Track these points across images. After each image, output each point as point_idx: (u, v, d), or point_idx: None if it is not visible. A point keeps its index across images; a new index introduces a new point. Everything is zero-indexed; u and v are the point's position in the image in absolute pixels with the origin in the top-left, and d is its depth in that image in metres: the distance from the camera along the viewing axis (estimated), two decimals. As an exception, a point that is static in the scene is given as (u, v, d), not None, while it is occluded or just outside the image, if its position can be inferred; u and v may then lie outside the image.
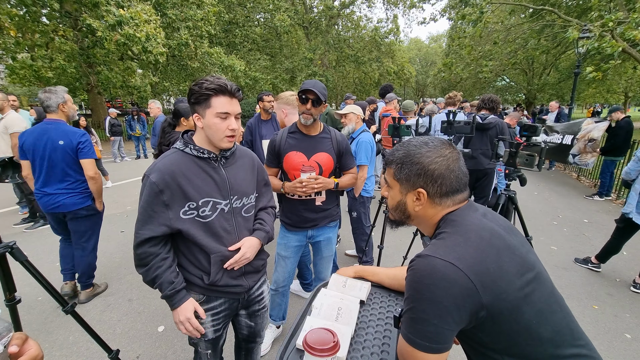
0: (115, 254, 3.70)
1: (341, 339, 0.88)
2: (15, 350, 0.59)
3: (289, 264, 2.11)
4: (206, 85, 1.17)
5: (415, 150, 0.90)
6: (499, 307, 0.74)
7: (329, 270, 2.22)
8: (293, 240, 2.06)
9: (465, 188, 0.91)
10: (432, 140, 0.91)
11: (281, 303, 2.26)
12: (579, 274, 3.31)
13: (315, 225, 2.03)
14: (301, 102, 1.80)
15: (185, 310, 1.26)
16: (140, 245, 1.20)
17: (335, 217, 2.11)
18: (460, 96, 4.62)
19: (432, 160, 0.87)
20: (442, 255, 0.76)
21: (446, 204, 0.89)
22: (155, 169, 1.20)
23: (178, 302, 1.25)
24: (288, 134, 1.94)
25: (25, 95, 22.99)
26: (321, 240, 2.11)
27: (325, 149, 1.93)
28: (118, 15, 8.51)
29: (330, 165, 1.95)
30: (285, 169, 1.95)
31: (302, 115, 1.81)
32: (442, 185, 0.87)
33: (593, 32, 7.58)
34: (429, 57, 39.83)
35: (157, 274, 1.21)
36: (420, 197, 0.89)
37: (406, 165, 0.90)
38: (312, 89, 1.74)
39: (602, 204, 5.65)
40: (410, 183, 0.90)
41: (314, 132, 1.93)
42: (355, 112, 2.99)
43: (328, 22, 20.53)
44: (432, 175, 0.87)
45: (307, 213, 1.98)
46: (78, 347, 2.28)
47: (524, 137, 2.36)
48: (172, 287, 1.23)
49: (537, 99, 20.95)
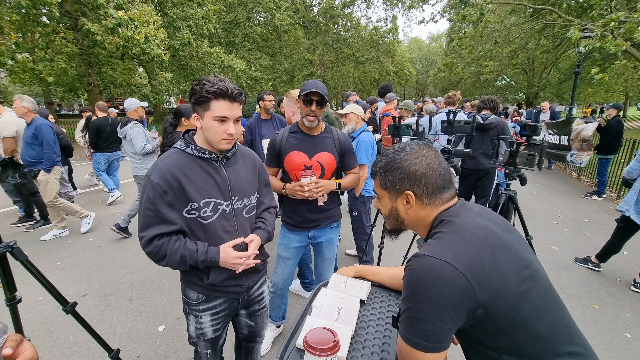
0: (116, 254, 3.70)
1: (341, 339, 0.88)
2: (9, 353, 0.58)
3: (288, 266, 2.09)
4: (207, 87, 1.15)
5: (394, 156, 0.93)
6: (496, 305, 0.74)
7: (330, 272, 2.19)
8: (294, 240, 2.04)
9: (451, 185, 0.92)
10: (408, 144, 0.94)
11: (280, 305, 2.25)
12: (579, 274, 3.31)
13: (317, 226, 2.01)
14: (305, 105, 1.76)
15: (227, 257, 1.25)
16: (149, 243, 1.18)
17: (337, 218, 2.10)
18: (459, 95, 4.61)
19: (412, 162, 0.90)
20: (438, 254, 0.77)
21: (435, 203, 0.91)
22: (157, 170, 1.19)
23: (214, 257, 1.24)
24: (289, 133, 1.91)
25: (26, 95, 22.99)
26: (323, 241, 2.09)
27: (327, 148, 1.91)
28: (117, 18, 8.50)
29: (333, 165, 1.93)
30: (287, 169, 1.93)
31: (307, 117, 1.79)
32: (427, 184, 0.89)
33: (594, 32, 7.57)
34: (430, 56, 39.79)
35: (182, 254, 1.20)
36: (409, 199, 0.91)
37: (389, 172, 0.93)
38: (316, 90, 1.70)
39: (602, 204, 5.65)
40: (396, 189, 0.92)
41: (316, 131, 1.90)
42: (355, 111, 2.98)
43: (327, 22, 20.51)
44: (415, 176, 0.89)
45: (309, 213, 1.97)
46: (78, 346, 2.29)
47: (524, 137, 2.36)
48: (200, 252, 1.22)
49: (537, 99, 20.93)
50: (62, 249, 3.85)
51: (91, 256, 3.67)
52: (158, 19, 10.03)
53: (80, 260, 3.55)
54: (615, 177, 6.24)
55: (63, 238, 4.17)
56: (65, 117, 21.72)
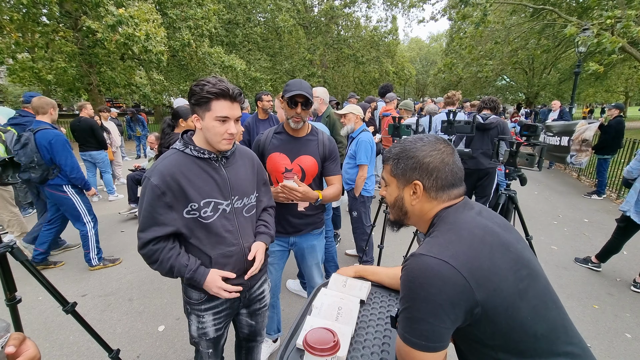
0: (116, 254, 3.70)
1: (341, 339, 0.88)
2: (12, 351, 0.58)
3: (273, 272, 2.00)
4: (207, 88, 1.15)
5: (411, 145, 0.92)
6: (493, 304, 0.74)
7: (318, 276, 2.09)
8: (274, 245, 1.95)
9: (461, 183, 0.92)
10: (427, 136, 0.94)
11: (273, 316, 2.17)
12: (579, 274, 3.31)
13: (299, 232, 1.93)
14: (289, 106, 1.68)
15: (213, 283, 1.26)
16: (144, 246, 1.20)
17: (319, 225, 1.99)
18: (459, 95, 4.61)
19: (427, 153, 0.89)
20: (436, 253, 0.77)
21: (442, 198, 0.90)
22: (156, 171, 1.19)
23: (200, 280, 1.25)
24: (274, 134, 1.86)
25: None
26: (304, 247, 1.99)
27: (310, 152, 1.82)
28: (117, 15, 8.49)
29: (315, 170, 1.85)
30: (268, 170, 1.86)
31: (292, 119, 1.72)
32: (437, 178, 0.88)
33: (591, 29, 7.57)
34: (430, 56, 39.76)
35: (171, 264, 1.22)
36: (417, 189, 0.90)
37: (402, 159, 0.92)
38: (300, 92, 1.63)
39: (602, 204, 5.65)
40: (406, 177, 0.92)
41: (301, 133, 1.83)
42: (354, 112, 2.98)
43: (328, 22, 20.51)
44: (427, 168, 0.89)
45: (290, 218, 1.89)
46: (78, 346, 2.29)
47: (524, 137, 2.36)
48: (188, 269, 1.23)
49: (537, 99, 20.92)
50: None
51: (91, 256, 3.67)
52: (158, 17, 10.02)
53: (81, 260, 3.55)
54: (615, 177, 6.24)
55: (63, 238, 4.15)
56: (65, 117, 21.71)
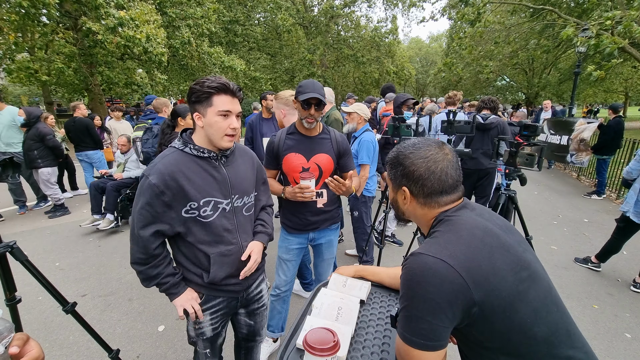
0: (116, 254, 3.70)
1: (341, 339, 0.88)
2: (16, 352, 0.59)
3: (290, 268, 2.08)
4: (208, 83, 1.17)
5: (403, 151, 0.94)
6: (491, 304, 0.74)
7: (329, 272, 2.17)
8: (294, 243, 2.04)
9: (454, 189, 0.91)
10: (420, 142, 0.94)
11: (281, 310, 2.19)
12: (579, 274, 3.31)
13: (317, 228, 2.00)
14: (303, 108, 1.75)
15: (186, 301, 1.30)
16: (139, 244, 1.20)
17: (336, 220, 2.09)
18: (460, 95, 4.61)
19: (412, 162, 0.90)
20: (434, 252, 0.77)
21: (431, 205, 0.91)
22: (155, 170, 1.19)
23: (174, 293, 1.29)
24: (287, 135, 1.90)
25: (25, 94, 23.00)
26: (322, 242, 2.09)
27: (325, 150, 1.90)
28: (118, 17, 8.49)
29: (330, 167, 1.92)
30: (285, 171, 1.92)
31: (306, 120, 1.78)
32: (423, 186, 0.90)
33: (591, 30, 7.55)
34: (429, 56, 39.77)
35: (158, 272, 1.24)
36: (405, 195, 0.93)
37: (394, 165, 0.95)
38: (314, 95, 1.68)
39: (602, 204, 5.65)
40: (397, 182, 0.95)
41: (314, 132, 1.89)
42: (359, 112, 2.96)
43: (328, 22, 20.50)
44: (412, 177, 0.90)
45: (309, 215, 1.95)
46: (78, 346, 2.29)
47: (524, 137, 2.36)
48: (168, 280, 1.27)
49: (537, 99, 20.93)
50: (62, 249, 3.85)
51: (91, 256, 3.67)
52: (158, 18, 10.03)
53: (80, 260, 3.55)
54: (615, 177, 6.25)
55: (63, 238, 4.17)
56: (65, 117, 21.72)
